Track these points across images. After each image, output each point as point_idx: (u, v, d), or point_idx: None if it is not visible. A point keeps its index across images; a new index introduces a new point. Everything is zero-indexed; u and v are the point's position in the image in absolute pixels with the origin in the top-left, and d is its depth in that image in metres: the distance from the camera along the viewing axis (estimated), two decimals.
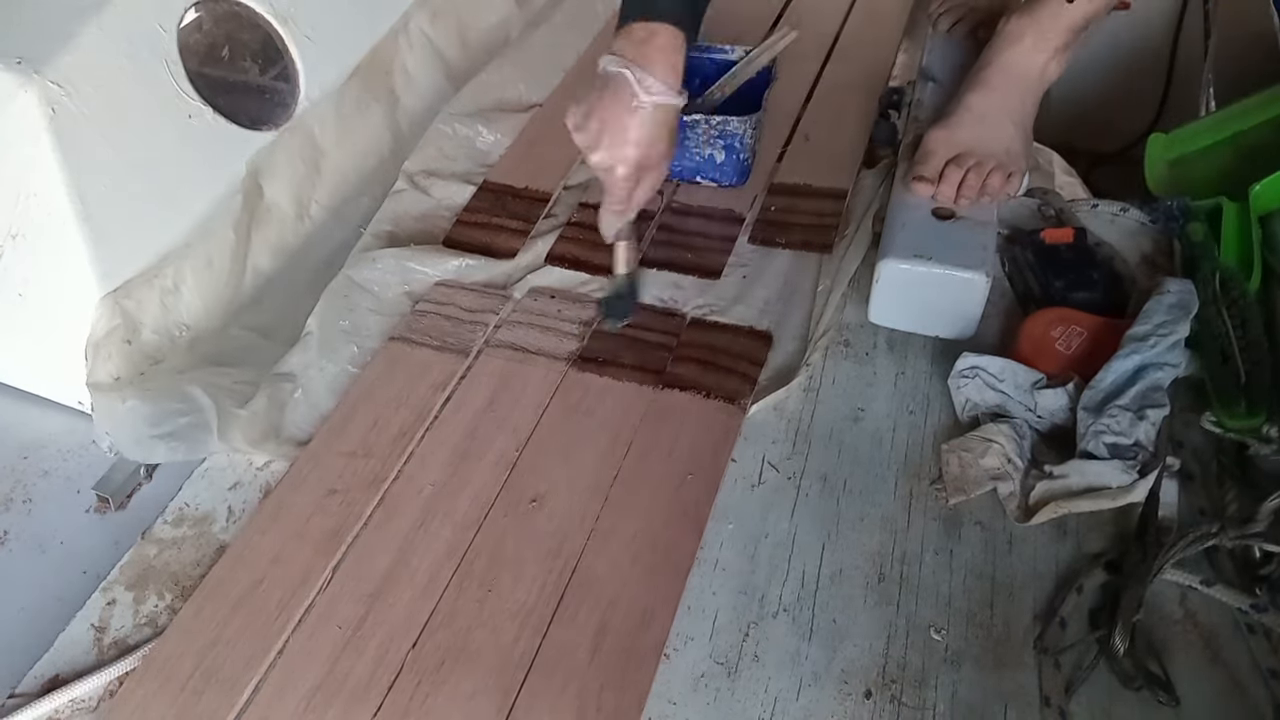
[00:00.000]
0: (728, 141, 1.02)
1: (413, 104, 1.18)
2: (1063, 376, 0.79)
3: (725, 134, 1.02)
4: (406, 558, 0.74)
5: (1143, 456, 0.74)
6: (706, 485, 0.78)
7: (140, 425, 0.82)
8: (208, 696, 0.67)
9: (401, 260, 0.99)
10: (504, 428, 0.83)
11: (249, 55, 1.00)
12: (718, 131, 1.01)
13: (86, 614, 0.73)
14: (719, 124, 1.01)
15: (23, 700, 0.68)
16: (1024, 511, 0.74)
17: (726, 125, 1.01)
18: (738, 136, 1.02)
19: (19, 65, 0.79)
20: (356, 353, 0.92)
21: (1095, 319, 0.83)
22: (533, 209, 1.06)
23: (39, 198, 0.82)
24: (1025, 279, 0.91)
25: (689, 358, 0.88)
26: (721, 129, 1.01)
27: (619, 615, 0.70)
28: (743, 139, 1.02)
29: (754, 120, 1.01)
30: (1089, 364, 0.79)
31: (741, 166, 1.05)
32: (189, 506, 0.81)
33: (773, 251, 0.99)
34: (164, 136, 0.88)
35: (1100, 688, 0.64)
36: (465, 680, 0.67)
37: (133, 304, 0.86)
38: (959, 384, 0.81)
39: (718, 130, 1.01)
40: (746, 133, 1.02)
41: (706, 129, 1.01)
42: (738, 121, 1.01)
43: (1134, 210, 0.99)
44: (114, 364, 0.85)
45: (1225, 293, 0.83)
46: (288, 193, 1.02)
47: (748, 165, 1.06)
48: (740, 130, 1.01)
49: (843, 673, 0.67)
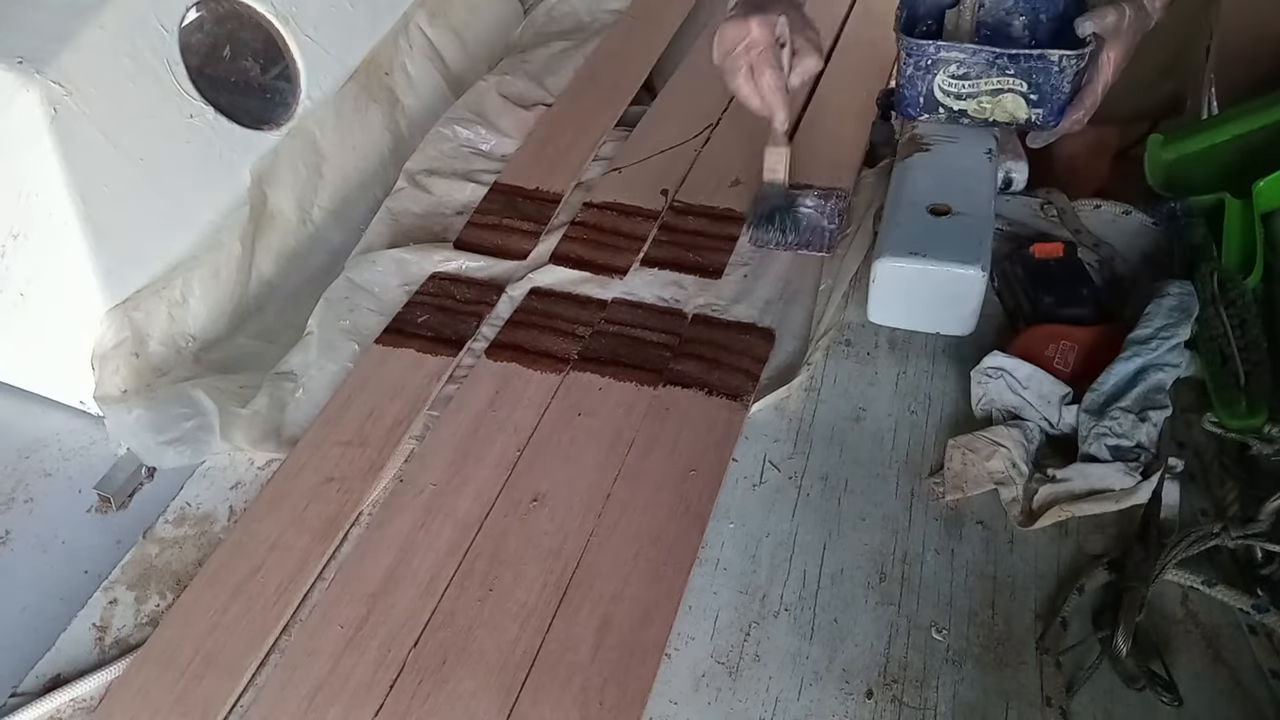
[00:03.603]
0: (1036, 80, 0.86)
1: (413, 105, 1.19)
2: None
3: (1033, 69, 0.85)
4: (408, 557, 0.74)
5: (1145, 458, 0.74)
6: (709, 481, 0.78)
7: (147, 434, 0.82)
8: (208, 681, 0.68)
9: (401, 259, 1.00)
10: (505, 427, 0.83)
11: (250, 55, 1.00)
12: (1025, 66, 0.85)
13: (88, 613, 0.74)
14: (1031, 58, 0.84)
15: (24, 699, 0.68)
16: (1027, 516, 0.74)
17: (1043, 59, 0.85)
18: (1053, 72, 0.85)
19: (20, 65, 0.79)
20: (357, 351, 0.92)
21: (1086, 331, 0.83)
22: (544, 210, 1.06)
23: (40, 197, 0.82)
24: (1015, 294, 0.90)
25: (691, 355, 0.88)
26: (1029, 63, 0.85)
27: (621, 611, 0.70)
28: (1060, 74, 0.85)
29: (1077, 57, 0.84)
30: (1089, 378, 0.79)
31: (1062, 104, 0.88)
32: (190, 506, 0.81)
33: (774, 251, 0.99)
34: (165, 136, 0.89)
35: (1101, 688, 0.64)
36: (467, 679, 0.67)
37: (141, 315, 0.87)
38: (981, 379, 0.81)
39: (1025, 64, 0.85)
40: (1067, 70, 0.84)
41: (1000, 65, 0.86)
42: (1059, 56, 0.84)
43: (1137, 212, 0.99)
44: (121, 377, 0.85)
45: (1224, 293, 0.83)
46: (291, 198, 1.02)
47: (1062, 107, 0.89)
48: (1058, 64, 0.84)
49: (844, 672, 0.67)
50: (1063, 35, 0.93)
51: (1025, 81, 0.88)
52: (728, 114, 1.16)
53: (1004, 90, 0.90)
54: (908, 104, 0.95)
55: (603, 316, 0.93)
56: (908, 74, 0.93)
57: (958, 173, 0.93)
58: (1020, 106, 0.90)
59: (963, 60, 0.89)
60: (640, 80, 1.24)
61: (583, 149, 1.13)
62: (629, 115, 1.19)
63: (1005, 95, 0.90)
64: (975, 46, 0.89)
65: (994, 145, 0.96)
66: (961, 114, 0.94)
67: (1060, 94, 0.88)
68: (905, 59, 0.92)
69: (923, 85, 0.92)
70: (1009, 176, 1.02)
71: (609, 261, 0.98)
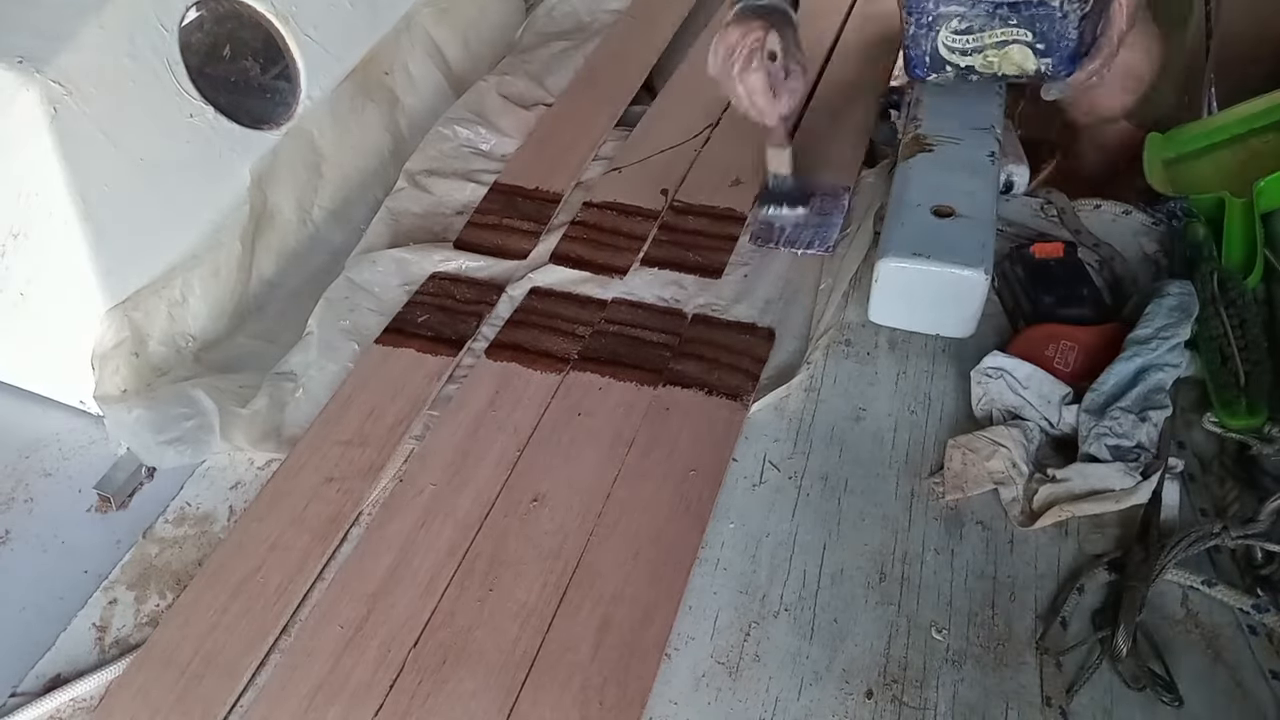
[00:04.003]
0: (1042, 24, 0.84)
1: (413, 105, 1.19)
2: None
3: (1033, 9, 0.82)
4: (408, 557, 0.74)
5: (1145, 458, 0.74)
6: (709, 481, 0.78)
7: (147, 434, 0.82)
8: (208, 681, 0.68)
9: (401, 259, 1.00)
10: (505, 427, 0.83)
11: (250, 54, 1.00)
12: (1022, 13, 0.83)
13: (88, 613, 0.74)
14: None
15: (24, 699, 0.68)
16: (1027, 516, 0.74)
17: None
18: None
19: (21, 64, 0.79)
20: (357, 351, 0.92)
21: (1085, 331, 0.83)
22: (544, 210, 1.06)
23: (40, 197, 0.82)
24: (1015, 294, 0.90)
25: (691, 354, 0.88)
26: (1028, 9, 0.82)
27: (621, 611, 0.70)
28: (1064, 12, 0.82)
29: (1080, 2, 0.81)
30: (1090, 377, 0.79)
31: (1071, 51, 0.85)
32: (190, 506, 0.81)
33: (774, 251, 0.99)
34: (165, 135, 0.88)
35: (1101, 688, 0.64)
36: (467, 679, 0.67)
37: (141, 315, 0.87)
38: (981, 379, 0.81)
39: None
40: (1070, 15, 0.82)
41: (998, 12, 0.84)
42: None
43: (1137, 212, 0.99)
44: (121, 377, 0.85)
45: (1224, 293, 0.83)
46: (291, 198, 1.02)
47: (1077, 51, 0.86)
48: (1060, 10, 0.82)
49: (844, 672, 0.67)
50: None
51: (1029, 30, 0.87)
52: (728, 114, 1.16)
53: (1009, 41, 0.88)
54: (914, 65, 0.95)
55: (603, 316, 0.93)
56: (911, 34, 0.92)
57: (960, 174, 0.93)
58: (1028, 57, 0.89)
59: (963, 13, 0.88)
60: (640, 80, 1.24)
61: (583, 149, 1.13)
62: (629, 115, 1.19)
63: (1011, 47, 0.88)
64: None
65: (996, 148, 0.96)
66: (969, 70, 0.92)
67: (1067, 40, 0.86)
68: (908, 19, 0.92)
69: (927, 44, 0.91)
70: (1010, 179, 1.02)
71: (609, 261, 0.98)
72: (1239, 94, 1.07)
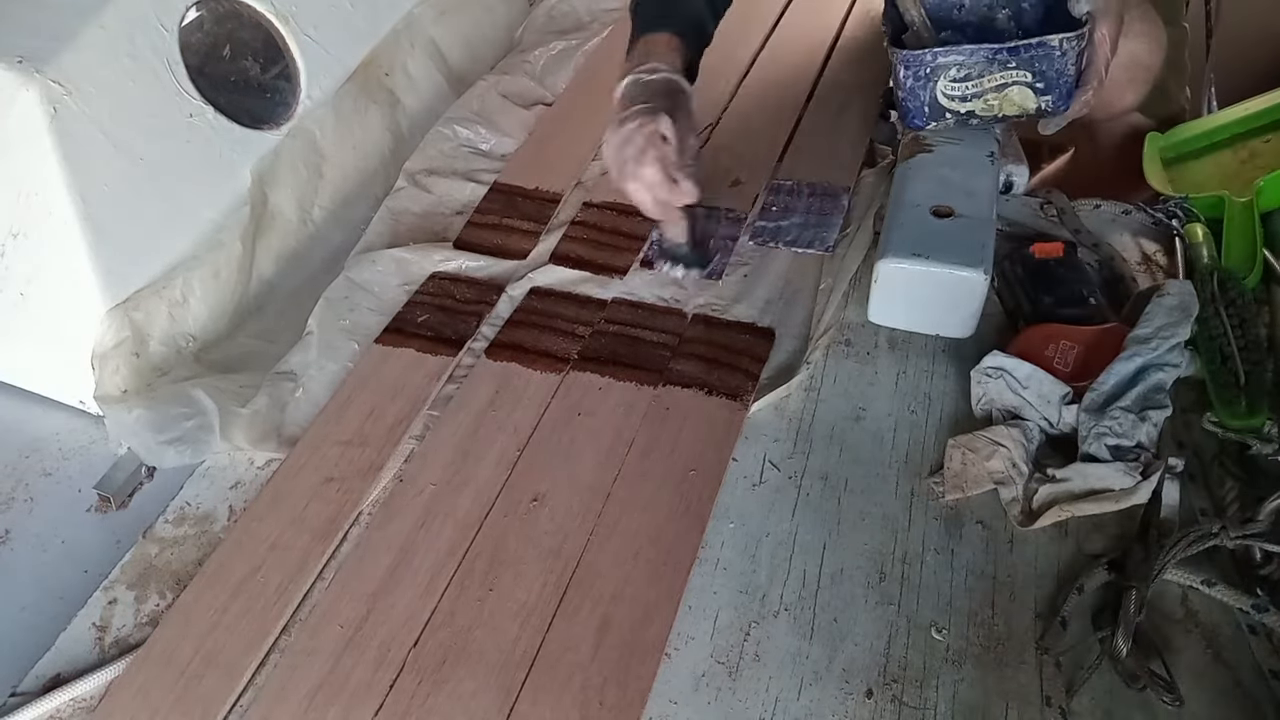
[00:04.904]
0: (1040, 68, 0.86)
1: (413, 105, 1.19)
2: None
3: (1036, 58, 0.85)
4: (408, 557, 0.74)
5: (1145, 458, 0.74)
6: (709, 481, 0.78)
7: (148, 434, 0.82)
8: (208, 680, 0.68)
9: (401, 259, 1.00)
10: (505, 427, 0.83)
11: (250, 54, 1.00)
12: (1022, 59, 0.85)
13: (88, 613, 0.74)
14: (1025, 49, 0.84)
15: (24, 699, 0.68)
16: (1027, 516, 0.74)
17: (1042, 48, 0.84)
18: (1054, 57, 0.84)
19: (20, 64, 0.79)
20: (357, 351, 0.92)
21: (1085, 331, 0.83)
22: (544, 210, 1.06)
23: (40, 197, 0.82)
24: (1015, 294, 0.90)
25: (691, 354, 0.88)
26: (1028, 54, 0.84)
27: (621, 611, 0.70)
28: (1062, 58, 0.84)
29: (1077, 38, 0.84)
30: (1089, 377, 0.79)
31: (1070, 87, 0.88)
32: (190, 506, 0.81)
33: (774, 250, 0.99)
34: (165, 135, 0.89)
35: (1101, 688, 0.64)
36: (467, 679, 0.67)
37: (141, 315, 0.87)
38: (981, 379, 0.81)
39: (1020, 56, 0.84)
40: (1069, 53, 0.84)
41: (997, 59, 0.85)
42: (1058, 40, 0.84)
43: (1136, 212, 0.99)
44: (121, 377, 0.85)
45: (1224, 292, 0.83)
46: (291, 198, 1.02)
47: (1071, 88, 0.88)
48: (1060, 49, 0.84)
49: (844, 672, 0.67)
50: (1049, 19, 0.93)
51: (1029, 71, 0.87)
52: (728, 114, 1.16)
53: (1009, 84, 0.89)
54: (913, 116, 0.95)
55: (603, 316, 0.93)
56: (908, 86, 0.92)
57: (960, 174, 0.93)
58: (1028, 97, 0.89)
59: (962, 62, 0.89)
60: None
61: (583, 149, 1.13)
62: None
63: (1011, 88, 0.89)
64: (973, 46, 0.88)
65: (996, 148, 0.96)
66: (969, 115, 0.93)
67: (1066, 77, 0.87)
68: (904, 72, 0.91)
69: (925, 95, 0.92)
70: (1009, 179, 1.02)
71: (609, 261, 0.98)
72: (1239, 94, 1.07)
